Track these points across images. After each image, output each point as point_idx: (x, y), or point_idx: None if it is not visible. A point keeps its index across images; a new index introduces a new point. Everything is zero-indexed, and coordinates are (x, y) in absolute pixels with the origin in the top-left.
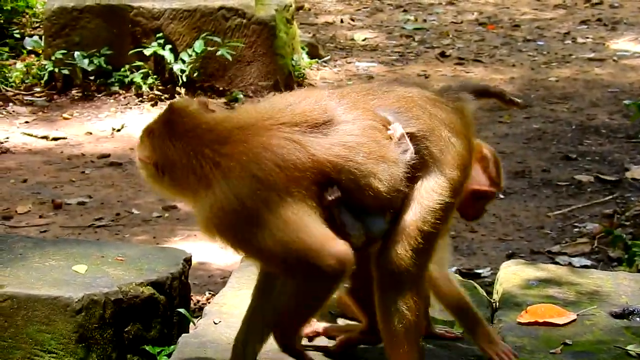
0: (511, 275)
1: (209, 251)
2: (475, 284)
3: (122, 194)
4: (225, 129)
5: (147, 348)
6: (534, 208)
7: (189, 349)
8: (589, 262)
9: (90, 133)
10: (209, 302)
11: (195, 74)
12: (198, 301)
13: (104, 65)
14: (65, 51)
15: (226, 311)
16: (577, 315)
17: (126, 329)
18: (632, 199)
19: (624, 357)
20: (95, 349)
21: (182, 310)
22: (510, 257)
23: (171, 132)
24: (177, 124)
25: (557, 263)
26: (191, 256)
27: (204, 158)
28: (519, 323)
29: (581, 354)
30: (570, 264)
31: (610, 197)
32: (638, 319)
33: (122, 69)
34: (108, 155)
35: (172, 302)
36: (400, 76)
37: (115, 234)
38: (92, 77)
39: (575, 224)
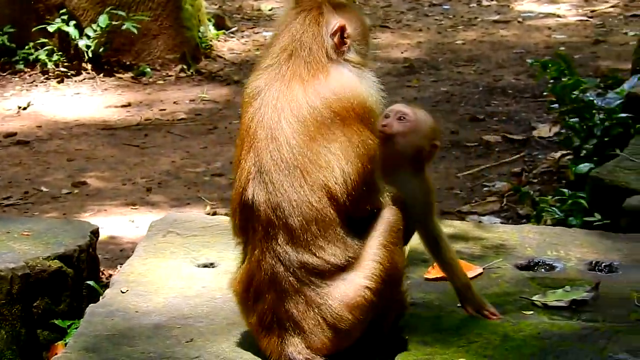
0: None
1: (120, 225)
2: None
3: (30, 172)
4: None
5: (56, 322)
6: (444, 169)
7: (96, 318)
8: (498, 220)
9: None
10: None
11: (101, 49)
12: (110, 275)
13: (8, 44)
14: None
15: (133, 280)
16: (484, 268)
17: (35, 304)
18: (539, 156)
19: (530, 307)
20: (4, 325)
21: (90, 282)
22: None
23: None
24: None
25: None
26: (98, 228)
27: None
28: (426, 279)
29: None
30: (480, 222)
31: (518, 155)
32: (543, 270)
33: (27, 47)
34: (15, 134)
35: (81, 275)
36: None
37: (24, 212)
38: None
39: (485, 184)
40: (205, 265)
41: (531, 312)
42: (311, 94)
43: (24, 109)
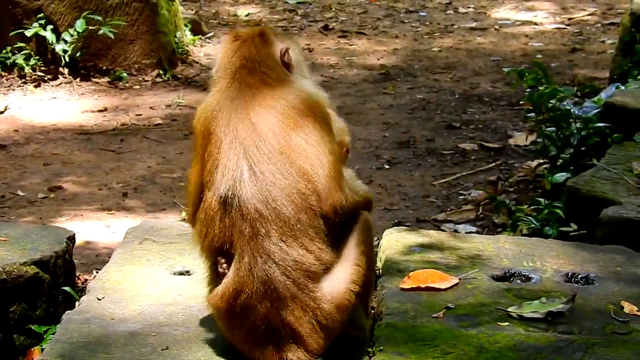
0: (394, 242)
1: (96, 230)
2: None
3: (6, 176)
4: None
5: (33, 327)
6: (419, 177)
7: (72, 325)
8: (474, 229)
9: None
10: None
11: (78, 54)
12: (86, 280)
13: None
14: None
15: (109, 287)
16: (459, 279)
17: (11, 309)
18: (515, 165)
19: (506, 318)
20: None
21: (67, 288)
22: (396, 226)
23: None
24: None
25: (442, 230)
26: (74, 234)
27: None
28: (402, 289)
29: (463, 317)
30: (455, 231)
31: (494, 164)
32: (519, 281)
33: (4, 51)
34: None
35: (57, 280)
36: None
37: (0, 216)
38: None
39: (460, 192)
40: (181, 273)
41: (507, 323)
42: (282, 93)
43: (1, 112)
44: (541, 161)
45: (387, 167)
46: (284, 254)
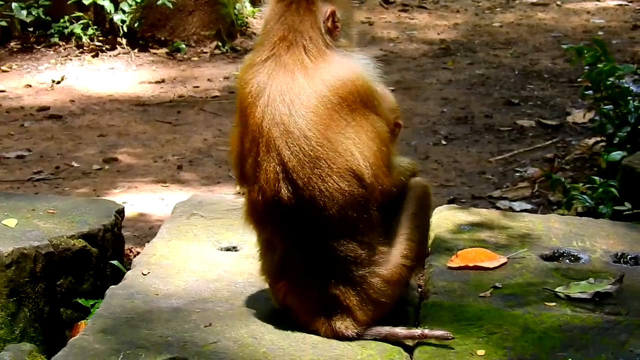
0: (443, 220)
1: (149, 203)
2: None
3: (61, 147)
4: None
5: (79, 301)
6: (476, 153)
7: (116, 300)
8: (529, 206)
9: (30, 85)
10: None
11: (136, 24)
12: (138, 253)
13: (43, 17)
14: (2, 2)
15: (155, 262)
16: (508, 258)
17: (58, 283)
18: (573, 143)
19: (553, 298)
20: (27, 303)
21: (115, 262)
22: (451, 202)
23: None
24: None
25: (497, 207)
26: (124, 207)
27: None
28: (450, 267)
29: (510, 297)
30: (510, 208)
31: (551, 141)
32: (567, 261)
33: (62, 20)
34: (47, 108)
35: (105, 254)
36: None
37: (54, 187)
38: (30, 29)
39: (517, 169)
40: (227, 249)
41: (554, 303)
42: (317, 82)
43: (58, 82)
44: (598, 139)
45: (444, 142)
46: (329, 246)
